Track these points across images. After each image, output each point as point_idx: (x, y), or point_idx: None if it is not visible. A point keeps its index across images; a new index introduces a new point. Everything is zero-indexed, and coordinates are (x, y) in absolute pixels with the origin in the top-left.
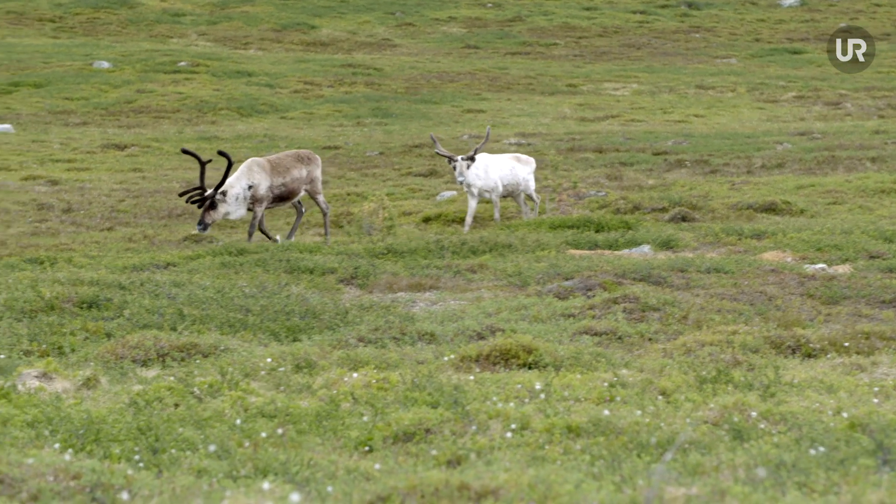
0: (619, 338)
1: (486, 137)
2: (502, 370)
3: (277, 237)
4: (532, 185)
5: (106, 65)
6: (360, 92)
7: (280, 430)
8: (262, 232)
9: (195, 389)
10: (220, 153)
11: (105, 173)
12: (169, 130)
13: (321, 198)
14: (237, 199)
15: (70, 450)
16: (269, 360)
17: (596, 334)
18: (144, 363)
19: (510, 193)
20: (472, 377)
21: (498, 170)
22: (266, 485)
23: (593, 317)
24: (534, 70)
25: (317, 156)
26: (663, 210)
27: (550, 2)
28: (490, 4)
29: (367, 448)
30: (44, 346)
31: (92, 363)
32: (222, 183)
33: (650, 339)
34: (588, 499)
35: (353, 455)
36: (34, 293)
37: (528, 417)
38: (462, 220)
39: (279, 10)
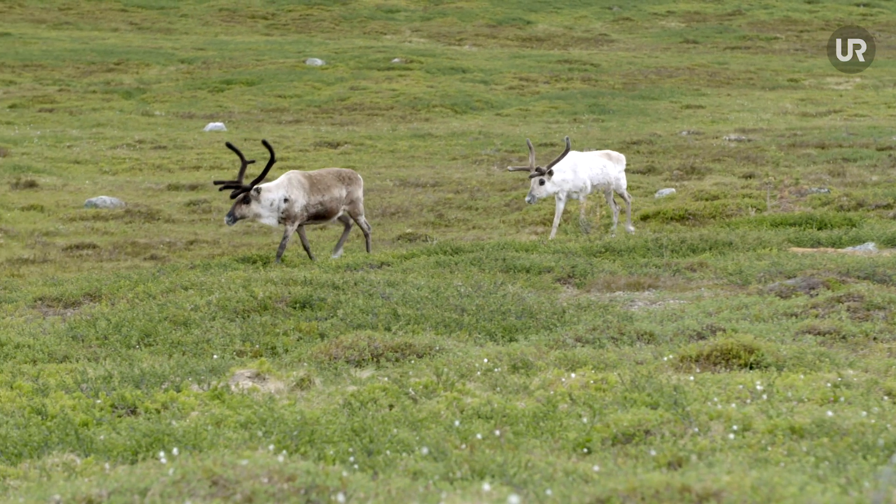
0: (843, 337)
1: (565, 149)
2: (723, 370)
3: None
4: (623, 183)
5: (319, 62)
6: (577, 88)
7: (497, 432)
8: (304, 248)
9: (410, 390)
10: (264, 143)
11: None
12: (382, 128)
13: (362, 219)
14: (271, 205)
15: (284, 451)
16: (484, 360)
17: (819, 334)
18: (358, 363)
19: (601, 192)
20: (692, 377)
21: (588, 169)
22: (487, 486)
23: (816, 316)
24: (754, 65)
25: (359, 176)
26: (888, 207)
27: None
28: None
29: (585, 450)
30: (257, 346)
31: (305, 363)
32: (261, 178)
33: (875, 339)
34: (813, 501)
35: (572, 457)
36: (247, 293)
37: (750, 418)
38: (681, 218)
39: (494, 6)
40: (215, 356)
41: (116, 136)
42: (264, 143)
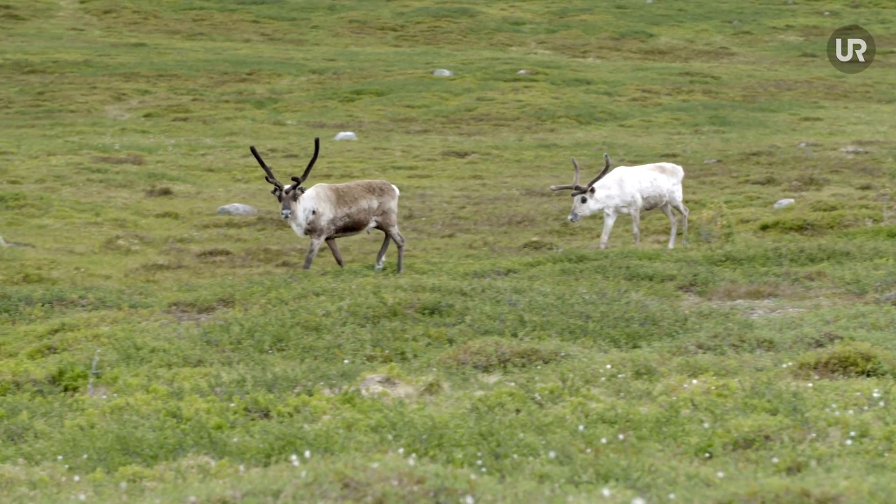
0: None
1: (605, 166)
2: (841, 377)
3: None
4: (678, 196)
5: (447, 73)
6: (698, 100)
7: (621, 436)
8: (337, 261)
9: (536, 395)
10: (316, 141)
11: (446, 180)
12: (508, 138)
13: (394, 230)
14: (303, 211)
15: (413, 454)
16: (608, 366)
17: None
18: (486, 369)
19: (654, 205)
20: (810, 384)
21: (636, 183)
22: (607, 491)
23: None
24: (871, 78)
25: (393, 188)
26: None
27: (888, 10)
28: (827, 13)
29: (707, 454)
30: (387, 351)
31: (434, 368)
32: (305, 175)
33: None
34: None
35: (694, 461)
36: (377, 299)
37: (868, 425)
38: (799, 228)
39: (617, 19)
40: (346, 361)
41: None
42: (316, 141)
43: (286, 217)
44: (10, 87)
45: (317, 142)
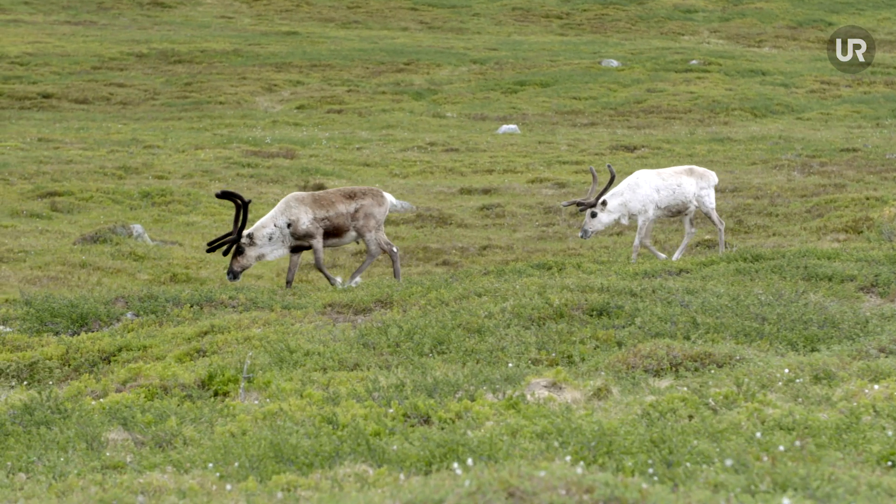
0: None
1: (610, 178)
2: None
3: (338, 279)
4: (708, 202)
5: (615, 63)
6: (880, 92)
7: (799, 444)
8: (321, 271)
9: (710, 400)
10: (227, 194)
11: None
12: (680, 131)
13: (371, 236)
14: (271, 238)
15: (581, 462)
16: (786, 370)
17: None
18: (657, 373)
19: (678, 212)
20: None
21: (653, 188)
22: (786, 500)
23: None
24: None
25: (380, 192)
26: None
27: None
28: None
29: (889, 463)
30: (553, 354)
31: (603, 372)
32: (243, 226)
33: None
34: None
35: (876, 470)
36: (542, 300)
37: None
38: None
39: (795, 6)
40: (510, 364)
41: (407, 138)
42: (227, 193)
43: (232, 280)
44: (156, 77)
45: (227, 194)
